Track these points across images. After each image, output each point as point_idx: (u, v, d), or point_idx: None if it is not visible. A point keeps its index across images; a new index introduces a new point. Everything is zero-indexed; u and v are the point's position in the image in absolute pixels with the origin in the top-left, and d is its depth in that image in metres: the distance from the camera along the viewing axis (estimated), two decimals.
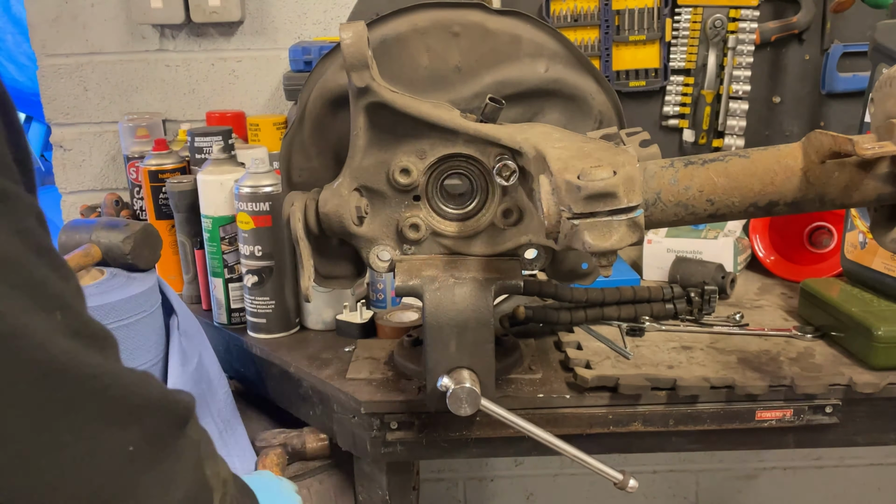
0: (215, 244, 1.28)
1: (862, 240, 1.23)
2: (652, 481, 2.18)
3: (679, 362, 1.10)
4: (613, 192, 0.75)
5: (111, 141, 1.86)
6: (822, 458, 2.15)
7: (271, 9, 1.79)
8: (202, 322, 1.34)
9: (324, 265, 1.08)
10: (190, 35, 1.80)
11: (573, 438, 1.00)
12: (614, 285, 1.24)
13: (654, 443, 1.08)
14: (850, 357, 1.10)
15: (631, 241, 0.78)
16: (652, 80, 1.60)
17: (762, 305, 1.31)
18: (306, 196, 1.01)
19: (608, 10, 1.57)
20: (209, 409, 1.14)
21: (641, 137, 0.90)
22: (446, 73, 1.00)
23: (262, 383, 1.28)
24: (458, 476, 2.19)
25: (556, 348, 1.18)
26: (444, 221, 1.02)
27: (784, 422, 1.05)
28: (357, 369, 1.13)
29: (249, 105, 1.84)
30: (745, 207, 0.83)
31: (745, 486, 2.19)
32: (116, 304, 1.06)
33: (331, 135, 1.04)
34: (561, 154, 0.82)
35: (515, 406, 1.01)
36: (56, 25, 1.79)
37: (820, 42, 1.58)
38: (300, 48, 1.52)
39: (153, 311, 1.13)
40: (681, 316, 1.24)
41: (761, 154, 0.82)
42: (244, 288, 1.26)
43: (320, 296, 1.26)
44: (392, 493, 1.16)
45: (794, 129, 1.63)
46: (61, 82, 1.82)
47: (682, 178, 0.82)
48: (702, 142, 1.62)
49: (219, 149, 1.29)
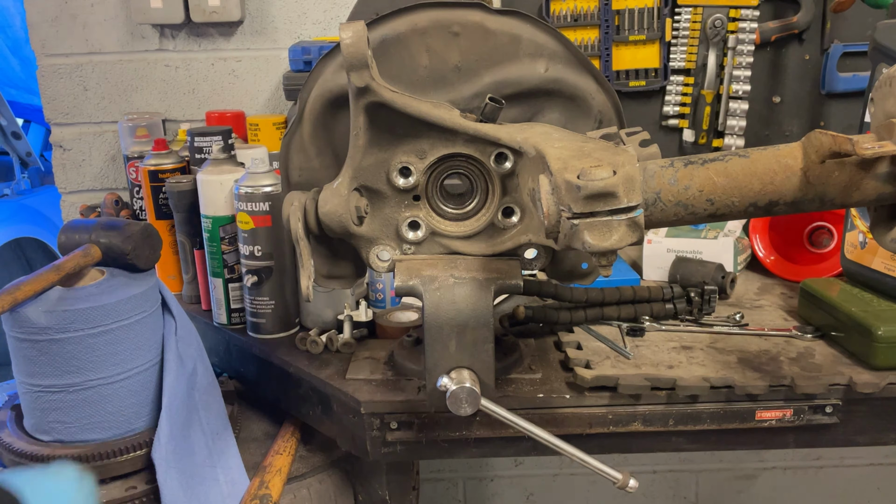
0: (215, 244, 1.28)
1: (862, 240, 1.23)
2: (652, 481, 2.18)
3: (679, 362, 1.10)
4: (613, 192, 0.75)
5: (111, 141, 1.86)
6: (822, 458, 2.15)
7: (271, 9, 1.79)
8: (202, 322, 1.34)
9: (324, 265, 1.08)
10: (190, 35, 1.80)
11: (573, 438, 1.00)
12: (614, 285, 1.24)
13: (654, 443, 1.08)
14: (850, 357, 1.10)
15: (631, 240, 0.78)
16: (652, 80, 1.60)
17: (762, 305, 1.31)
18: (306, 196, 1.01)
19: (608, 9, 1.57)
20: (199, 419, 1.14)
21: (641, 137, 0.90)
22: (446, 73, 1.00)
23: (262, 383, 1.28)
24: (458, 476, 2.19)
25: (556, 348, 1.18)
26: (443, 221, 1.02)
27: (784, 422, 1.05)
28: (357, 369, 1.13)
29: (249, 105, 1.84)
30: (744, 207, 0.83)
31: (745, 486, 2.19)
32: (116, 304, 1.06)
33: (330, 135, 1.04)
34: (561, 154, 0.82)
35: (515, 406, 1.01)
36: (56, 25, 1.79)
37: (820, 42, 1.58)
38: (300, 48, 1.52)
39: (153, 312, 1.13)
40: (681, 316, 1.24)
41: (761, 154, 0.82)
42: (244, 288, 1.26)
43: (320, 296, 1.26)
44: (392, 493, 1.16)
45: (794, 129, 1.63)
46: (61, 82, 1.82)
47: (682, 177, 0.82)
48: (702, 142, 1.62)
49: (218, 149, 1.29)
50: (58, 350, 1.04)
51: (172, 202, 1.38)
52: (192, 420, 1.12)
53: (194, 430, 1.12)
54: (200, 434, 1.13)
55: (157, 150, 1.47)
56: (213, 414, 1.16)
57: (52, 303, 1.04)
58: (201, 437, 1.12)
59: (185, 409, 1.12)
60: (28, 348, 1.05)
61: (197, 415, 1.14)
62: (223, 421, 1.18)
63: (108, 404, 1.08)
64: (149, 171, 1.45)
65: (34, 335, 1.03)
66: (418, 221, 1.01)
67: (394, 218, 1.01)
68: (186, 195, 1.35)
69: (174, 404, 1.10)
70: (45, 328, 1.03)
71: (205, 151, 1.45)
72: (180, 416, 1.10)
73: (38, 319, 1.03)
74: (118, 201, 1.65)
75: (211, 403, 1.17)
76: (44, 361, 1.05)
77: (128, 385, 1.09)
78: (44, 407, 1.07)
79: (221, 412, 1.19)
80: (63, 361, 1.05)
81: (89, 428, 1.08)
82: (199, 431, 1.13)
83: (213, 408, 1.17)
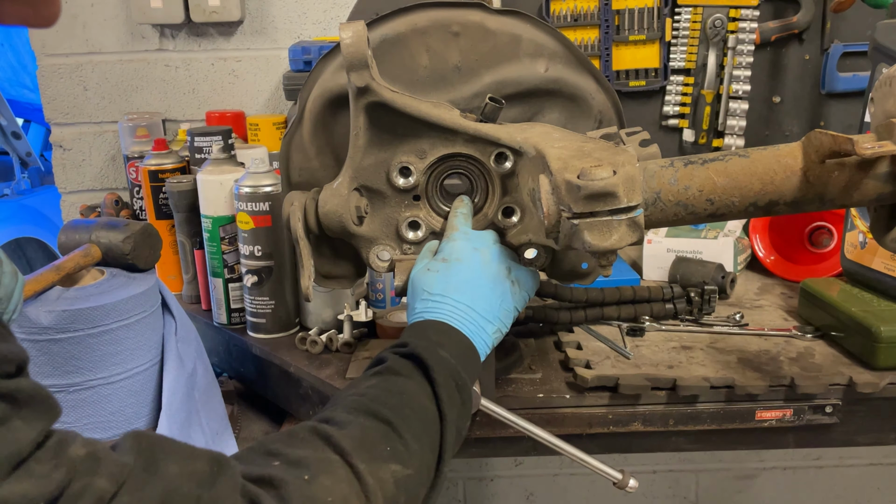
0: (215, 244, 1.28)
1: (862, 240, 1.23)
2: (652, 481, 2.18)
3: (679, 362, 1.10)
4: (613, 192, 0.75)
5: (111, 141, 1.86)
6: (822, 458, 2.15)
7: (271, 9, 1.79)
8: (202, 322, 1.34)
9: (324, 265, 1.08)
10: (190, 35, 1.80)
11: (573, 438, 1.00)
12: (614, 285, 1.24)
13: (654, 443, 1.08)
14: (850, 357, 1.10)
15: (631, 240, 0.78)
16: (652, 79, 1.60)
17: (762, 305, 1.31)
18: (306, 196, 1.01)
19: (608, 9, 1.57)
20: (199, 419, 1.14)
21: (641, 137, 0.90)
22: (446, 73, 1.00)
23: (262, 383, 1.28)
24: (458, 476, 2.19)
25: (556, 348, 1.18)
26: (444, 221, 1.02)
27: (784, 422, 1.05)
28: (357, 369, 1.13)
29: (249, 105, 1.84)
30: (744, 207, 0.83)
31: (745, 486, 2.19)
32: (116, 304, 1.06)
33: (330, 135, 1.04)
34: (561, 153, 0.82)
35: (515, 406, 1.01)
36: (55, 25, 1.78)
37: (820, 42, 1.58)
38: (300, 48, 1.52)
39: (153, 312, 1.13)
40: (681, 316, 1.24)
41: (761, 154, 0.82)
42: (244, 288, 1.26)
43: (320, 296, 1.26)
44: None
45: (794, 128, 1.63)
46: (61, 82, 1.82)
47: (682, 177, 0.82)
48: (702, 141, 1.62)
49: (218, 149, 1.29)
50: (58, 350, 1.04)
51: (172, 202, 1.38)
52: (192, 420, 1.12)
53: (194, 430, 1.12)
54: (200, 434, 1.13)
55: (157, 150, 1.48)
56: (213, 414, 1.16)
57: (52, 303, 1.04)
58: (201, 437, 1.12)
59: (185, 409, 1.12)
60: (28, 348, 1.05)
61: (197, 415, 1.14)
62: (223, 421, 1.18)
63: (108, 404, 1.08)
64: (149, 171, 1.45)
65: (34, 335, 1.03)
66: (418, 221, 1.01)
67: (394, 218, 1.01)
68: (186, 195, 1.35)
69: (174, 404, 1.10)
70: (45, 328, 1.03)
71: (205, 151, 1.45)
72: (180, 416, 1.10)
73: (38, 319, 1.03)
74: (118, 201, 1.65)
75: (211, 403, 1.17)
76: (44, 361, 1.05)
77: (128, 385, 1.09)
78: None
79: (221, 412, 1.19)
80: (63, 361, 1.05)
81: (89, 428, 1.08)
82: (199, 431, 1.13)
83: (213, 408, 1.17)
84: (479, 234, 0.94)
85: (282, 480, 0.63)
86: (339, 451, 0.68)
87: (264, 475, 0.63)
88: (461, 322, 0.85)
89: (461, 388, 0.80)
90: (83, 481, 0.54)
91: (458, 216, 0.95)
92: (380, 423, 0.72)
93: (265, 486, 0.62)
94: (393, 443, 0.71)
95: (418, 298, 0.88)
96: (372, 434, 0.71)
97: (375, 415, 0.73)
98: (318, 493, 0.64)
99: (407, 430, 0.73)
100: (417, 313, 0.87)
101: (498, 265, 0.91)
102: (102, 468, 0.55)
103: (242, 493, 0.60)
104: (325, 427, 0.70)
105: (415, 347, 0.80)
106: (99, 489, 0.54)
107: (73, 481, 0.53)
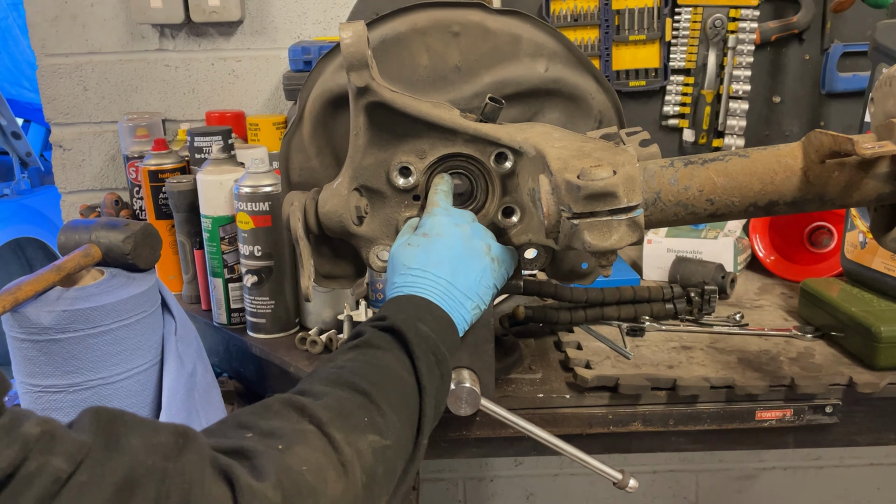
0: (215, 244, 1.28)
1: (862, 240, 1.23)
2: (652, 481, 2.18)
3: (679, 362, 1.10)
4: (613, 192, 0.75)
5: (111, 141, 1.85)
6: (822, 458, 2.15)
7: (271, 8, 1.79)
8: (202, 322, 1.34)
9: (324, 265, 1.08)
10: (190, 35, 1.80)
11: (573, 438, 1.00)
12: (614, 285, 1.24)
13: (654, 443, 1.08)
14: (850, 357, 1.10)
15: (631, 240, 0.78)
16: (652, 79, 1.60)
17: (762, 305, 1.31)
18: (306, 196, 1.01)
19: (608, 9, 1.57)
20: (199, 419, 1.13)
21: (641, 137, 0.90)
22: (446, 73, 1.00)
23: (261, 383, 1.28)
24: (458, 476, 2.19)
25: (556, 348, 1.18)
26: None
27: (784, 422, 1.05)
28: None
29: (249, 105, 1.84)
30: (744, 207, 0.83)
31: (745, 486, 2.19)
32: (116, 304, 1.06)
33: (330, 134, 1.04)
34: (561, 153, 0.82)
35: (515, 406, 1.01)
36: (55, 25, 1.79)
37: (820, 42, 1.58)
38: (300, 48, 1.52)
39: (153, 312, 1.13)
40: (681, 316, 1.24)
41: (761, 154, 0.82)
42: (244, 288, 1.26)
43: (320, 296, 1.26)
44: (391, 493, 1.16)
45: (794, 128, 1.63)
46: (61, 82, 1.82)
47: (682, 177, 0.82)
48: (702, 141, 1.62)
49: (218, 149, 1.29)
50: (58, 350, 1.04)
51: (172, 202, 1.38)
52: (191, 420, 1.12)
53: None
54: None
55: (157, 150, 1.47)
56: (213, 414, 1.16)
57: (52, 303, 1.04)
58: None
59: (185, 409, 1.11)
60: (28, 348, 1.05)
61: (197, 415, 1.13)
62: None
63: (107, 404, 1.08)
64: (149, 171, 1.45)
65: (34, 335, 1.03)
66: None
67: (394, 218, 1.01)
68: (186, 195, 1.35)
69: (174, 404, 1.10)
70: (45, 328, 1.03)
71: (205, 151, 1.45)
72: (180, 417, 1.10)
73: (38, 319, 1.02)
74: (118, 201, 1.65)
75: (211, 403, 1.17)
76: (44, 361, 1.04)
77: (128, 385, 1.09)
78: (44, 407, 1.07)
79: (221, 412, 1.19)
80: (63, 361, 1.05)
81: None
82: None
83: (213, 408, 1.17)
84: (460, 212, 0.93)
85: (255, 451, 0.61)
86: (315, 421, 0.66)
87: (236, 447, 0.61)
88: (441, 297, 0.84)
89: (440, 363, 0.79)
90: (38, 460, 0.51)
91: (439, 192, 0.95)
92: (357, 395, 0.71)
93: (237, 458, 0.60)
94: (371, 414, 0.70)
95: (398, 273, 0.87)
96: (349, 405, 0.69)
97: (353, 386, 0.71)
98: (292, 463, 0.61)
99: (385, 401, 0.71)
100: (397, 287, 0.86)
101: (478, 242, 0.90)
102: (58, 446, 0.53)
103: (213, 465, 0.58)
104: (300, 398, 0.68)
105: (394, 321, 0.79)
106: (55, 468, 0.52)
107: (28, 460, 0.51)
